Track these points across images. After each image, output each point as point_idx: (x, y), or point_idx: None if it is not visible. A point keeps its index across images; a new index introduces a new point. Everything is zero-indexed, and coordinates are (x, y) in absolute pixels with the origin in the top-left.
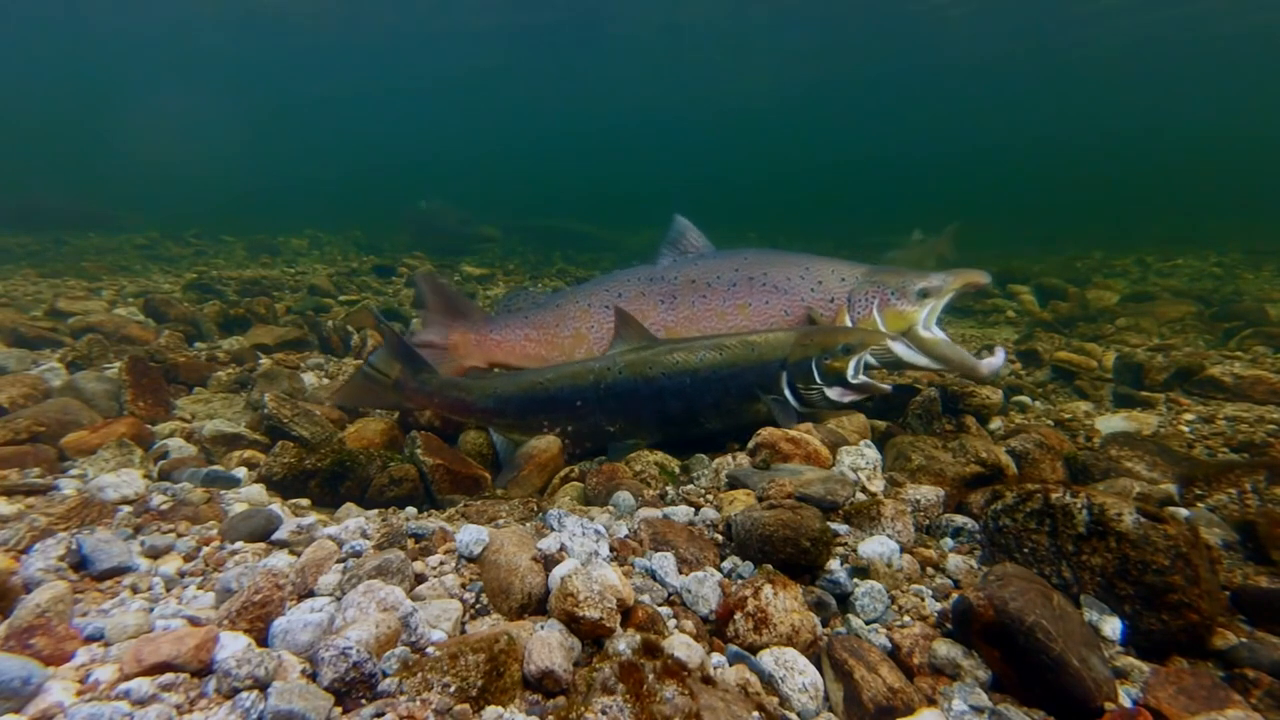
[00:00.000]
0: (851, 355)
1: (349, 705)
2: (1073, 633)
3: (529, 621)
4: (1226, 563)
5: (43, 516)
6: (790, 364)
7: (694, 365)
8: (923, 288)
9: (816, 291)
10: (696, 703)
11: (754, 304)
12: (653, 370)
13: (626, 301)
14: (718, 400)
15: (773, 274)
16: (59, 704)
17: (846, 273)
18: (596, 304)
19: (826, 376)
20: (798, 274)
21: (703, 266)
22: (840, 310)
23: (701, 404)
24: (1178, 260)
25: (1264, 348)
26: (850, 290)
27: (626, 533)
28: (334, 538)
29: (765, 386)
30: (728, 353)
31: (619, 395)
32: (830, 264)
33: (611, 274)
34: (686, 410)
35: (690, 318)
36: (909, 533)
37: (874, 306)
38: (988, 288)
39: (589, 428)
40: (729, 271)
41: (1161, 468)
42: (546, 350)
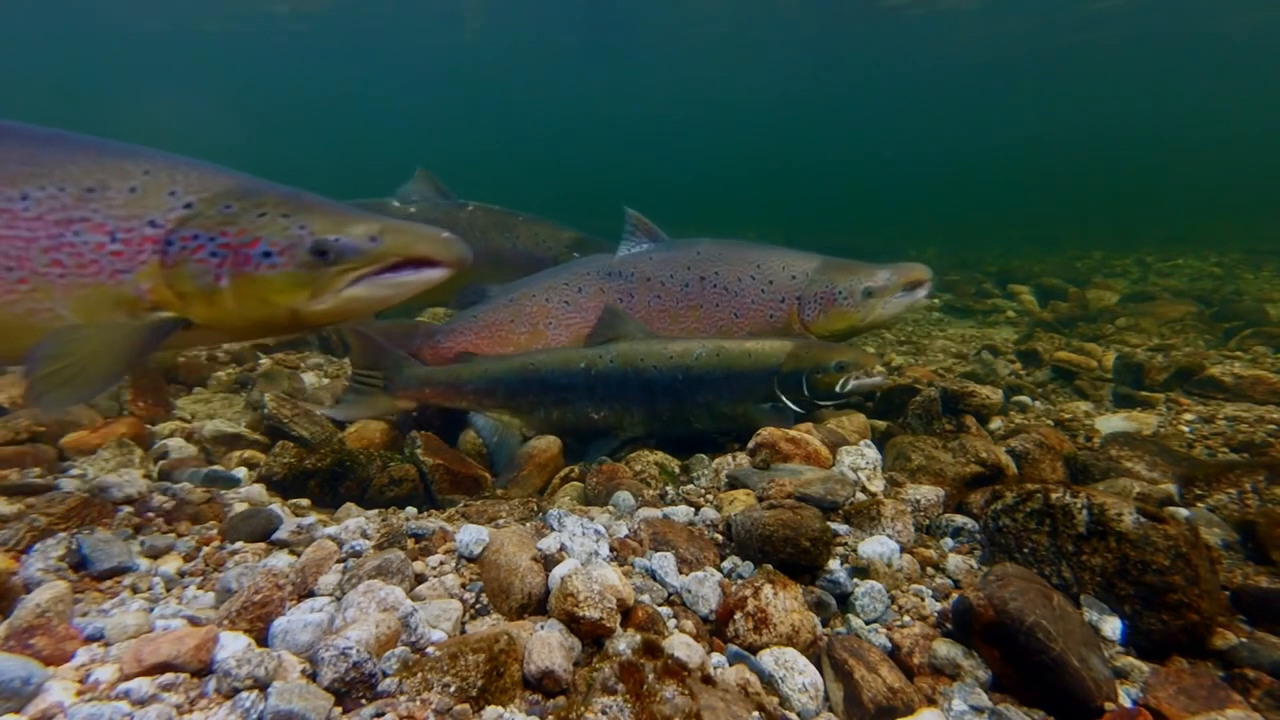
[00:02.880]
0: (844, 374)
1: (349, 705)
2: (1073, 633)
3: (529, 621)
4: (1226, 563)
5: (43, 516)
6: (782, 374)
7: (688, 363)
8: (868, 287)
9: (767, 293)
10: (696, 703)
11: (705, 305)
12: (645, 362)
13: (586, 299)
14: (709, 401)
15: (724, 273)
16: (59, 704)
17: (798, 269)
18: (555, 299)
19: (815, 390)
20: (749, 273)
21: (658, 262)
22: (790, 313)
23: (693, 402)
24: (1178, 260)
25: (1264, 348)
26: (801, 291)
27: (626, 533)
28: (334, 538)
29: (758, 393)
30: (725, 356)
31: (608, 383)
32: (783, 259)
33: (567, 267)
34: (676, 407)
35: (647, 318)
36: (909, 533)
37: (820, 310)
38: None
39: (575, 414)
40: (682, 270)
41: (1161, 468)
42: (501, 348)
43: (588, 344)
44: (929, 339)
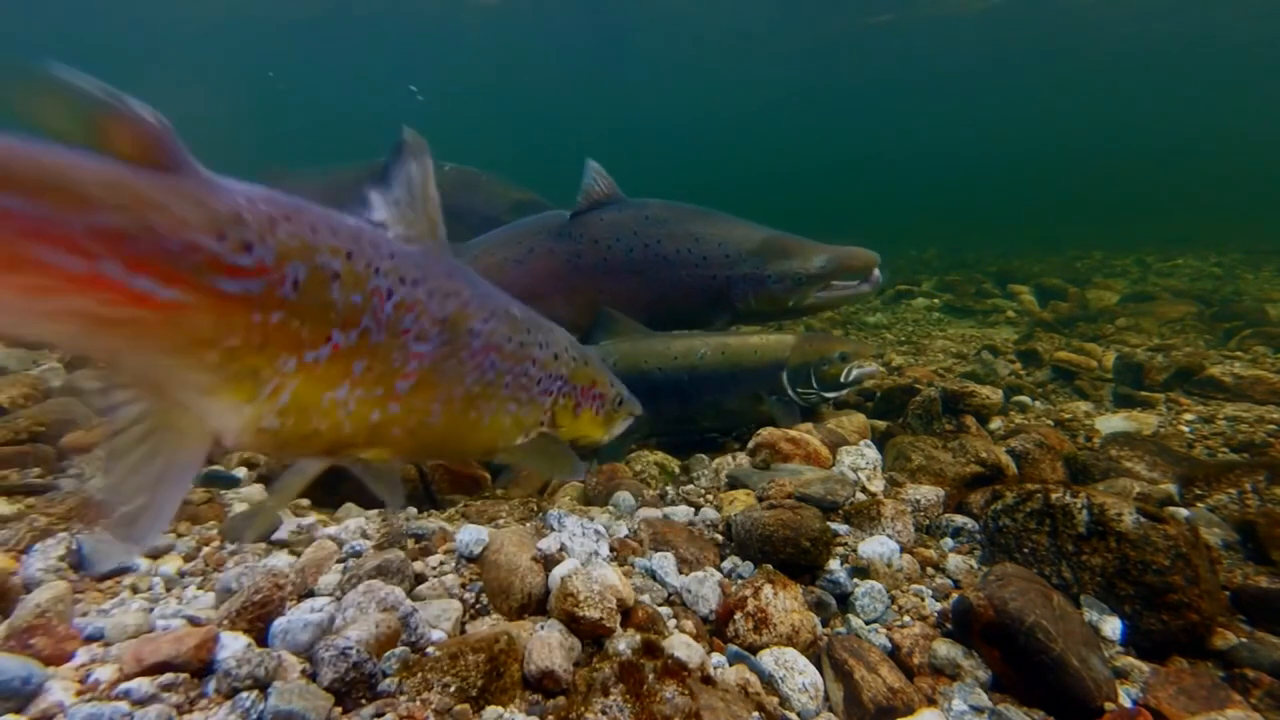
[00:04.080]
0: (848, 363)
1: (349, 705)
2: (1073, 633)
3: (529, 621)
4: (1226, 563)
5: (43, 516)
6: (790, 368)
7: (693, 362)
8: (799, 274)
9: (701, 268)
10: (696, 703)
11: (646, 272)
12: (648, 364)
13: (536, 260)
14: (716, 399)
15: (665, 242)
16: (59, 704)
17: (734, 247)
18: (508, 257)
19: (822, 381)
20: (687, 245)
21: (607, 224)
22: (721, 290)
23: (699, 402)
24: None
25: (1264, 348)
26: (731, 270)
27: (626, 533)
28: (334, 538)
29: (765, 388)
30: (730, 353)
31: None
32: (723, 233)
33: (519, 225)
34: (682, 408)
35: (593, 280)
36: (909, 533)
37: (749, 291)
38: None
39: None
40: (628, 234)
41: (1161, 468)
42: None
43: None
44: (929, 339)
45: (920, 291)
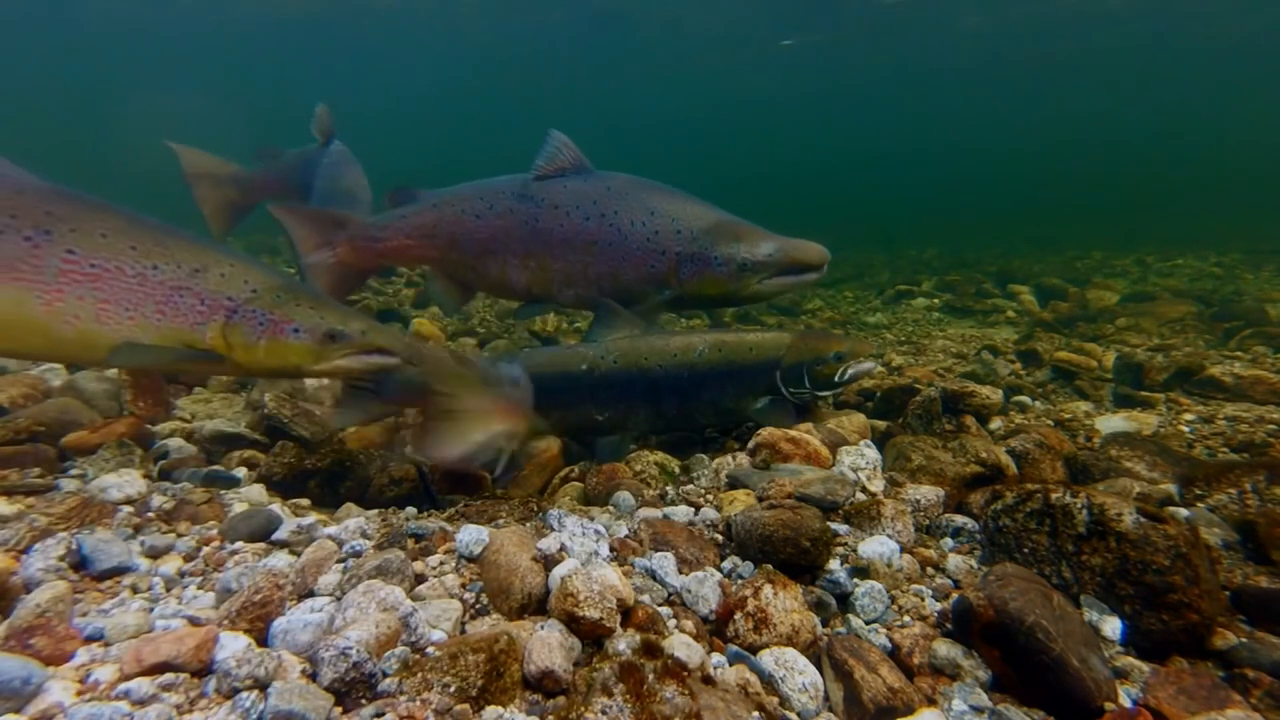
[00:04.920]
0: (843, 362)
1: (349, 705)
2: (1073, 633)
3: (529, 621)
4: (1226, 563)
5: (43, 516)
6: (784, 367)
7: (692, 360)
8: (744, 260)
9: (651, 243)
10: (696, 703)
11: (600, 243)
12: (648, 361)
13: (496, 216)
14: (714, 397)
15: (621, 214)
16: (59, 704)
17: (686, 225)
18: (469, 211)
19: (816, 380)
20: (641, 219)
21: (570, 191)
22: (670, 268)
23: (698, 400)
24: (1178, 260)
25: (1264, 348)
26: (681, 248)
27: (626, 533)
28: (334, 538)
29: (760, 386)
30: (727, 350)
31: (611, 385)
32: (678, 211)
33: (485, 181)
34: (682, 405)
35: (549, 246)
36: (909, 533)
37: (694, 272)
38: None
39: (578, 416)
40: (588, 203)
41: (1161, 468)
42: (427, 252)
43: (585, 340)
44: (929, 339)
45: (920, 291)
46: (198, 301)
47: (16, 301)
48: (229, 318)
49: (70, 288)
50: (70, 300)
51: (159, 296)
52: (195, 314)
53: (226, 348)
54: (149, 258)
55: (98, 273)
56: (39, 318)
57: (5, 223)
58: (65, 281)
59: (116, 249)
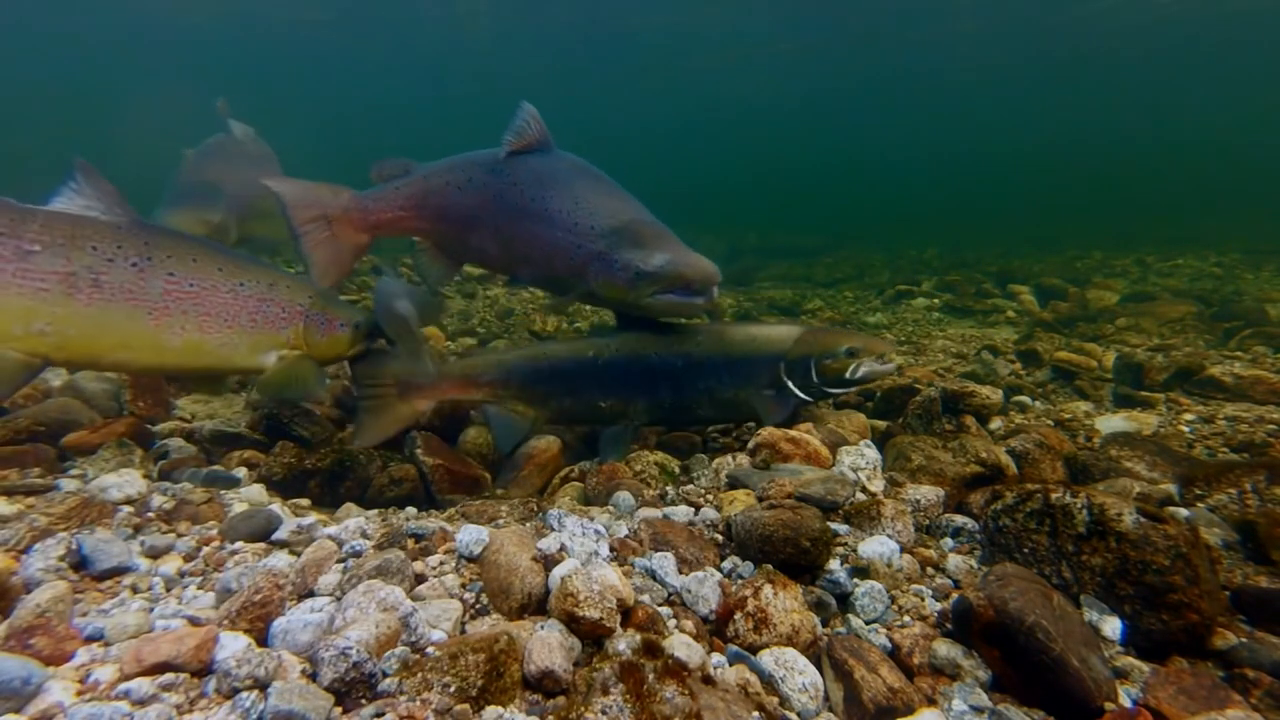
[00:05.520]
0: (854, 359)
1: (349, 705)
2: (1073, 633)
3: (529, 621)
4: (1226, 563)
5: (43, 516)
6: (788, 360)
7: (689, 349)
8: (640, 270)
9: (570, 234)
10: (696, 703)
11: (540, 226)
12: (647, 349)
13: (474, 190)
14: (711, 387)
15: (554, 200)
16: (59, 704)
17: (600, 221)
18: (452, 183)
19: (823, 376)
20: (566, 207)
21: (529, 170)
22: (583, 263)
23: (693, 389)
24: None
25: (1264, 348)
26: (591, 246)
27: (626, 533)
28: (334, 538)
29: (761, 379)
30: (727, 340)
31: (613, 371)
32: (599, 202)
33: (464, 156)
34: (677, 394)
35: (511, 222)
36: (909, 533)
37: (600, 272)
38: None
39: (584, 403)
40: (536, 183)
41: (1161, 468)
42: (418, 224)
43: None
44: (929, 339)
45: (920, 291)
46: (280, 310)
47: (128, 316)
48: (305, 321)
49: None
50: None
51: (250, 308)
52: (280, 320)
53: (305, 346)
54: (236, 276)
55: (197, 291)
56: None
57: (114, 252)
58: (170, 299)
59: (207, 270)
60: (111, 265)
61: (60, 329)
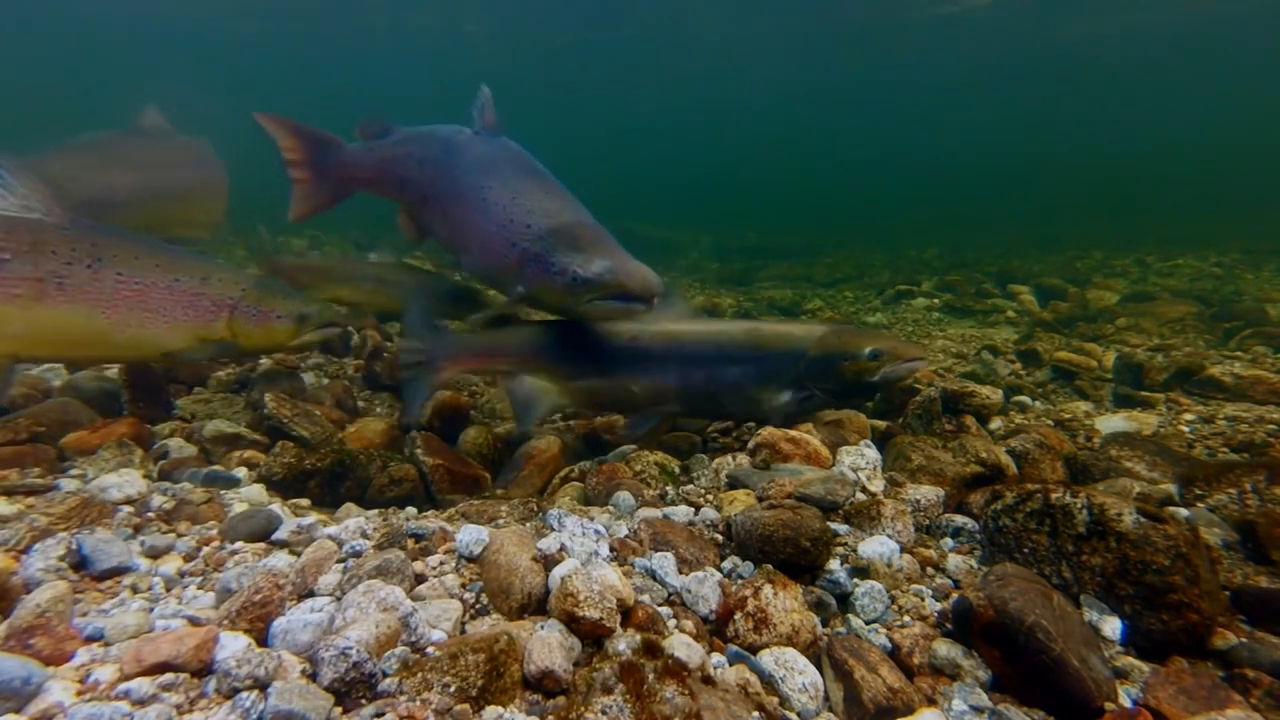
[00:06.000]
0: (878, 362)
1: (349, 705)
2: (1073, 633)
3: (529, 621)
4: (1226, 563)
5: (43, 516)
6: (810, 358)
7: (721, 340)
8: (577, 275)
9: (505, 229)
10: (696, 703)
11: (476, 216)
12: (681, 338)
13: (429, 166)
14: (739, 381)
15: (492, 191)
16: (59, 704)
17: (537, 220)
18: (414, 156)
19: (843, 377)
20: (504, 201)
21: (477, 154)
22: (517, 263)
23: (722, 382)
24: (1178, 260)
25: (1264, 348)
26: (527, 246)
27: (626, 533)
28: (334, 538)
29: (785, 377)
30: (758, 335)
31: (649, 356)
32: (537, 200)
33: (430, 129)
34: (708, 384)
35: (456, 206)
36: (909, 533)
37: (535, 274)
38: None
39: (617, 387)
40: (477, 170)
41: (1161, 468)
42: (385, 189)
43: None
44: (929, 339)
45: (920, 291)
46: (209, 304)
47: (87, 316)
48: (232, 313)
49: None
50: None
51: (184, 302)
52: (209, 312)
53: (233, 335)
54: (172, 273)
55: (141, 288)
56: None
57: (71, 255)
58: (119, 298)
59: (148, 268)
60: (71, 269)
61: (31, 332)
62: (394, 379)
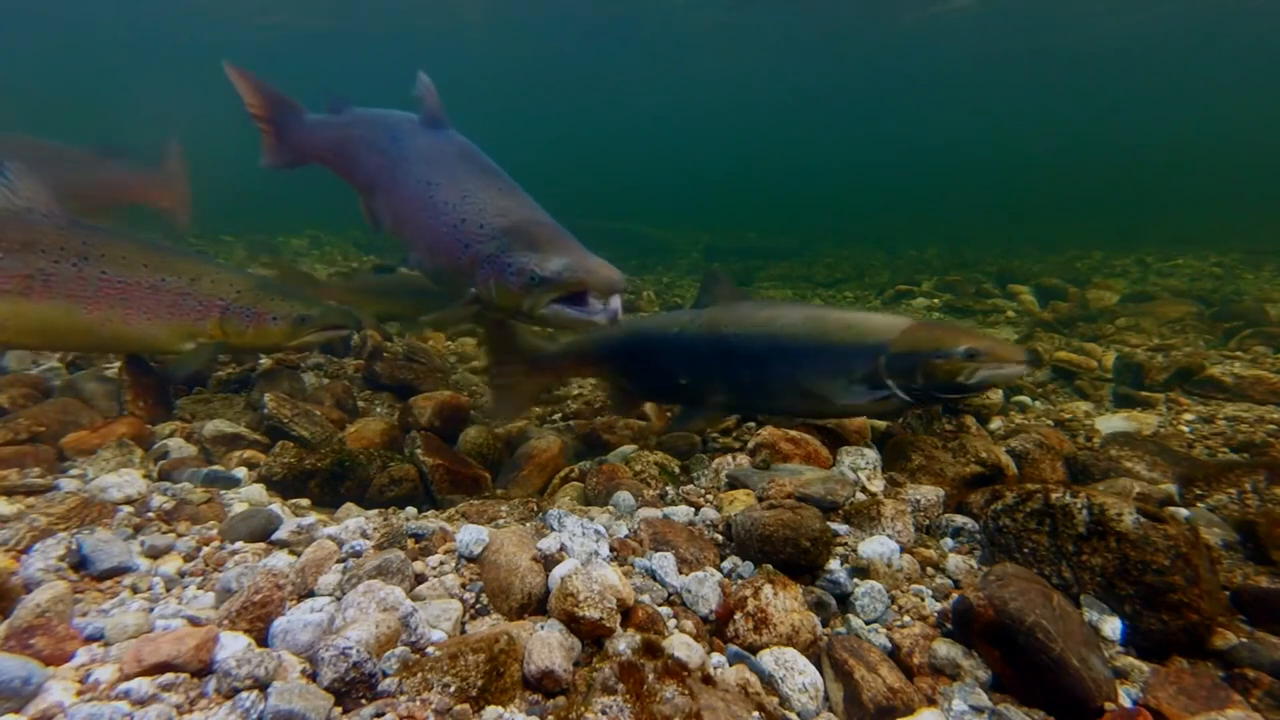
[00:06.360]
0: (975, 363)
1: (349, 705)
2: (1073, 633)
3: (529, 621)
4: (1226, 563)
5: (43, 516)
6: (892, 353)
7: (772, 330)
8: (535, 274)
9: (458, 230)
10: (696, 703)
11: (423, 213)
12: (727, 328)
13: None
14: (791, 374)
15: (440, 189)
16: (59, 704)
17: (490, 219)
18: (363, 139)
19: (933, 378)
20: (454, 199)
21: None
22: (470, 265)
23: (774, 374)
24: (1178, 260)
25: (1264, 348)
26: (481, 247)
27: (626, 533)
28: (334, 538)
29: (855, 372)
30: (818, 325)
31: (693, 347)
32: (489, 197)
33: (382, 113)
34: (756, 377)
35: (402, 199)
36: (909, 533)
37: (491, 275)
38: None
39: (664, 378)
40: (423, 164)
41: (1161, 468)
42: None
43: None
44: None
45: (920, 291)
46: (197, 304)
47: (69, 311)
48: (223, 314)
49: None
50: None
51: (168, 302)
52: (196, 312)
53: (224, 335)
54: (159, 273)
55: (123, 286)
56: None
57: (59, 254)
58: (101, 295)
59: (134, 267)
60: (57, 266)
61: (18, 322)
62: (394, 379)
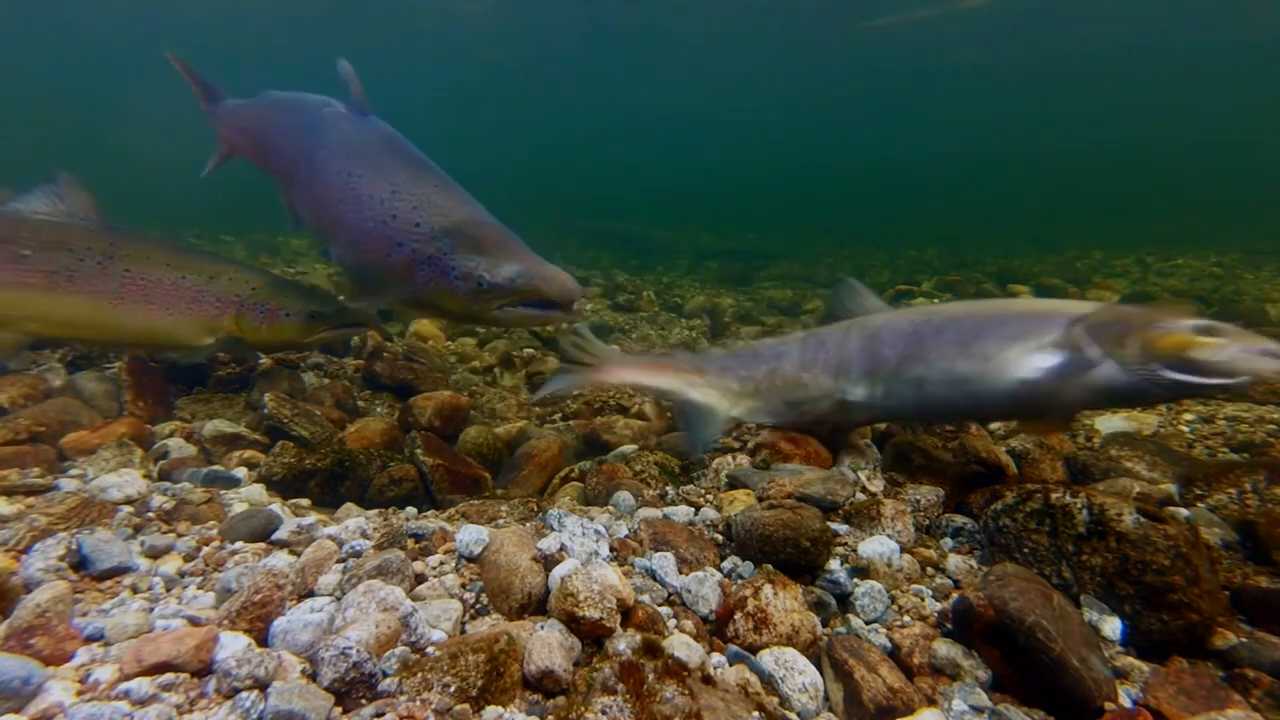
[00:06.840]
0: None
1: (349, 705)
2: (1073, 633)
3: (529, 621)
4: (1226, 563)
5: (43, 516)
6: (1092, 320)
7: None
8: (484, 280)
9: (388, 227)
10: (697, 703)
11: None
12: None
13: (292, 138)
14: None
15: (365, 181)
16: (59, 704)
17: (428, 218)
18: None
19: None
20: (382, 194)
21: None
22: (406, 264)
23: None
24: (1178, 260)
25: None
26: (418, 247)
27: (626, 533)
28: (334, 538)
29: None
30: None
31: (823, 339)
32: (425, 194)
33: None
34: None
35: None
36: (909, 532)
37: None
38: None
39: (785, 379)
40: (344, 154)
41: (1161, 468)
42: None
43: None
44: None
45: (920, 291)
46: (214, 300)
47: (94, 305)
48: (239, 310)
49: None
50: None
51: (189, 298)
52: (214, 308)
53: (240, 330)
54: (180, 270)
55: (146, 284)
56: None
57: (84, 253)
58: (125, 291)
59: (157, 266)
60: (82, 264)
61: (45, 315)
62: (394, 379)
